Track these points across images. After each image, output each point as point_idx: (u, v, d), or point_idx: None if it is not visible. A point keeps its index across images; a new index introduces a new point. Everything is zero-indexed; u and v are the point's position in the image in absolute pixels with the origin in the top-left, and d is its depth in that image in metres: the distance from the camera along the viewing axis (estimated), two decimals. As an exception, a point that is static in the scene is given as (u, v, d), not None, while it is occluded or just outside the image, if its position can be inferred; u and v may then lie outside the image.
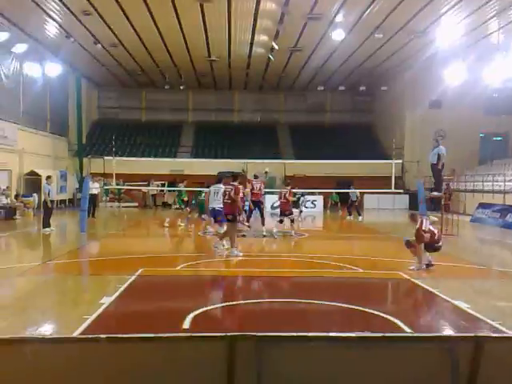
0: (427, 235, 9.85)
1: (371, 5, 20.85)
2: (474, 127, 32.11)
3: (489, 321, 6.40)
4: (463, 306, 7.18)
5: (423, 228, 9.92)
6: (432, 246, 10.06)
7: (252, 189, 15.72)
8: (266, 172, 17.44)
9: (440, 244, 10.14)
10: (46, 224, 16.73)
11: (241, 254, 11.77)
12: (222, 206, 11.91)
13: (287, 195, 16.16)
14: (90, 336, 2.41)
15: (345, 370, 2.37)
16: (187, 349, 2.39)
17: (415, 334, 5.07)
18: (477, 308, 7.00)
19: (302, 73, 33.96)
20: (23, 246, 15.40)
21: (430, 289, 8.31)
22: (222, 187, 12.20)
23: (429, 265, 10.11)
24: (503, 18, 21.70)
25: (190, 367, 2.35)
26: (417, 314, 7.36)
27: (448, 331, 6.28)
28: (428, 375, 2.38)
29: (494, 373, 2.35)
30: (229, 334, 2.39)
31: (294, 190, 18.27)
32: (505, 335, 3.64)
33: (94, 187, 21.95)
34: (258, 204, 15.97)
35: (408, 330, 5.99)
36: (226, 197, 11.65)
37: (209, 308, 7.10)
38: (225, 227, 12.27)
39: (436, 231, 10.26)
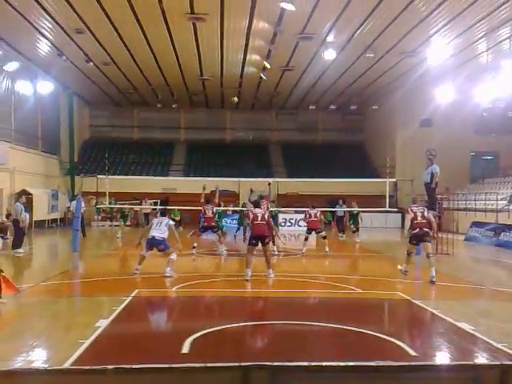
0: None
1: (362, 25, 21.06)
2: (465, 146, 32.38)
3: (494, 343, 6.31)
4: (467, 327, 7.10)
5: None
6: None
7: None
8: (251, 190, 17.74)
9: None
10: (17, 245, 15.81)
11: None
12: (162, 236, 11.76)
13: (318, 214, 17.01)
14: (96, 367, 2.27)
15: None
16: (200, 380, 2.28)
17: (437, 363, 4.97)
18: (481, 330, 6.92)
19: (293, 92, 34.16)
20: (15, 266, 15.05)
21: (432, 310, 8.22)
22: (165, 219, 12.25)
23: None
24: (491, 38, 22.02)
25: None
26: (423, 337, 7.24)
27: (457, 355, 6.17)
28: None
29: None
30: (243, 364, 2.29)
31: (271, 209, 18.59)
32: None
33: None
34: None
35: (414, 354, 5.88)
36: (259, 219, 11.35)
37: (208, 331, 6.92)
38: (173, 256, 11.90)
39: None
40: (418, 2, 18.41)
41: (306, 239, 17.28)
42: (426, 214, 11.31)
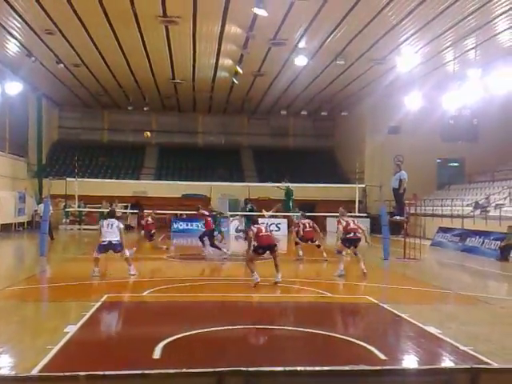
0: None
1: (333, 32, 21.34)
2: (432, 153, 33.02)
3: (461, 346, 6.48)
4: (435, 331, 7.26)
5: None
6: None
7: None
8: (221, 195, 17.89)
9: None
10: None
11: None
12: (118, 238, 11.97)
13: (311, 223, 16.63)
14: (67, 374, 2.26)
15: None
16: None
17: (410, 367, 5.06)
18: (448, 333, 7.08)
19: (265, 97, 34.31)
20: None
21: (400, 314, 8.36)
22: (115, 221, 12.34)
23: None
24: (458, 48, 22.59)
25: None
26: (392, 340, 7.38)
27: (427, 359, 6.31)
28: None
29: None
30: (217, 369, 2.31)
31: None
32: (501, 367, 3.67)
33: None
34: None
35: (383, 358, 5.99)
36: (264, 230, 11.55)
37: (179, 336, 6.90)
38: (126, 252, 12.31)
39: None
40: (388, 10, 18.75)
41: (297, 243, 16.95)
42: (355, 222, 13.15)
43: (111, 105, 37.89)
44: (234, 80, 28.37)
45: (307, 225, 16.67)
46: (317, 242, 16.85)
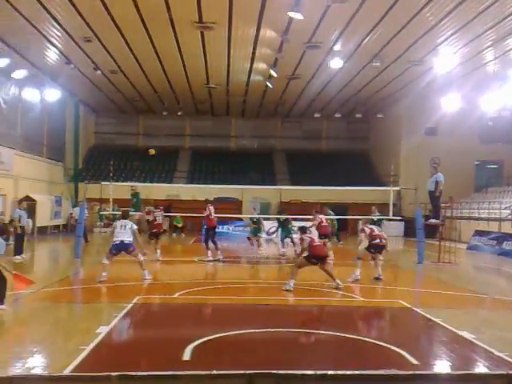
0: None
1: (369, 34, 21.10)
2: (469, 155, 32.31)
3: (496, 352, 6.28)
4: (469, 336, 7.07)
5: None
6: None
7: None
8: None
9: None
10: (17, 251, 15.79)
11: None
12: (130, 239, 11.91)
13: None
14: (100, 374, 2.28)
15: None
16: None
17: (441, 372, 4.94)
18: (483, 339, 6.88)
19: (299, 100, 34.20)
20: (17, 272, 15.06)
21: (433, 318, 8.18)
22: (128, 222, 12.28)
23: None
24: (499, 48, 22.03)
25: None
26: (424, 345, 7.21)
27: (460, 364, 6.14)
28: None
29: None
30: (247, 371, 2.29)
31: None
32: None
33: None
34: None
35: (415, 363, 5.85)
36: (317, 241, 11.47)
37: (209, 338, 6.91)
38: (140, 257, 12.08)
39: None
40: (427, 11, 18.40)
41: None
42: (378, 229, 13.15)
43: (146, 110, 38.46)
44: (268, 84, 28.38)
45: (324, 220, 16.85)
46: (326, 241, 16.45)
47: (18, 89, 26.63)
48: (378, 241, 12.54)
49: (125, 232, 11.93)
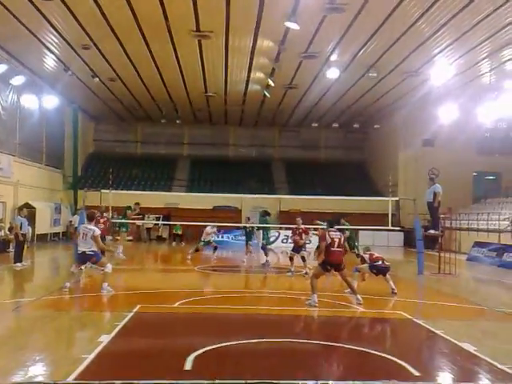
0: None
1: (365, 44, 21.26)
2: (467, 166, 32.44)
3: (498, 364, 6.29)
4: (470, 348, 7.08)
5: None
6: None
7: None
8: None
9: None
10: (18, 259, 15.73)
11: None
12: (93, 249, 11.19)
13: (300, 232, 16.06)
14: (104, 382, 2.30)
15: None
16: None
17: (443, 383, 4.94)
18: (484, 351, 6.89)
19: (296, 110, 34.36)
20: (17, 280, 15.04)
21: (435, 330, 8.19)
22: (92, 229, 11.27)
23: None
24: (495, 59, 22.20)
25: None
26: (425, 357, 7.21)
27: (462, 376, 6.14)
28: None
29: None
30: (249, 381, 2.32)
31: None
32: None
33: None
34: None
35: (417, 374, 5.85)
36: (337, 245, 10.56)
37: (210, 348, 6.90)
38: (108, 267, 11.41)
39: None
40: (421, 23, 18.59)
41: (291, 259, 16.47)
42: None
43: (145, 118, 38.54)
44: (266, 93, 28.51)
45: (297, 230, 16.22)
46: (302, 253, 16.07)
47: (16, 95, 26.65)
48: (380, 263, 12.16)
49: (86, 242, 11.16)
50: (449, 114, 25.28)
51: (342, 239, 10.81)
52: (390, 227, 18.36)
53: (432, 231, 17.51)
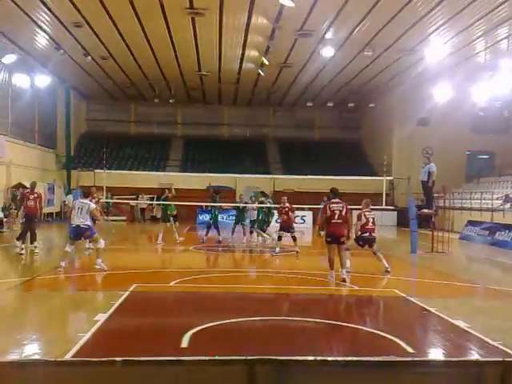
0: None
1: (361, 23, 21.09)
2: (461, 145, 32.46)
3: (489, 340, 6.38)
4: (462, 325, 7.18)
5: None
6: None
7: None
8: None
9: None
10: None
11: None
12: (87, 223, 11.22)
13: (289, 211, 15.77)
14: (105, 359, 2.31)
15: None
16: (206, 373, 2.32)
17: (439, 359, 5.01)
18: (476, 327, 6.99)
19: (291, 88, 34.16)
20: (11, 259, 15.04)
21: (428, 307, 8.28)
22: (87, 203, 11.36)
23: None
24: (490, 38, 22.09)
25: None
26: (419, 334, 7.31)
27: (455, 352, 6.23)
28: None
29: None
30: (248, 357, 2.33)
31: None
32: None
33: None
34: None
35: (411, 351, 5.94)
36: (337, 217, 10.59)
37: (206, 326, 6.96)
38: (101, 243, 11.35)
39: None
40: (417, 1, 18.44)
41: (279, 238, 16.06)
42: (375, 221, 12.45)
43: (138, 97, 38.23)
44: (260, 72, 28.30)
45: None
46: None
47: (8, 74, 26.35)
48: (367, 234, 12.06)
49: (81, 215, 11.14)
50: (443, 93, 25.23)
51: (344, 211, 10.73)
52: (383, 206, 18.42)
53: (425, 210, 17.60)
